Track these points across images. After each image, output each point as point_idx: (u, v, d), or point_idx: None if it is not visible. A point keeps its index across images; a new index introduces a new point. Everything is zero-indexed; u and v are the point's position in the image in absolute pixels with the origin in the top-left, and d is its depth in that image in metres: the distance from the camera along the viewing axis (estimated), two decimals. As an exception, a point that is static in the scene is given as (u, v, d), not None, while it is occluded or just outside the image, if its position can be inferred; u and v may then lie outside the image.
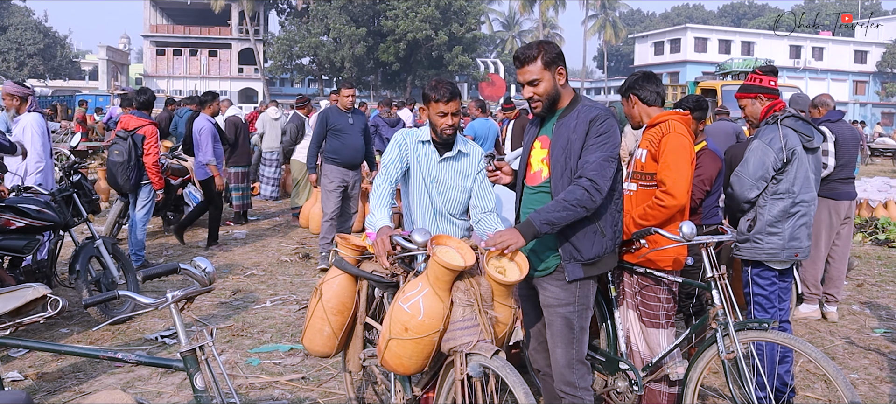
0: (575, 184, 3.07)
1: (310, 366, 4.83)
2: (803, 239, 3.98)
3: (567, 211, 3.01)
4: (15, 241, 5.27)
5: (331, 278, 3.53)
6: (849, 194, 5.98)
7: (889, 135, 32.00)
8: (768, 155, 3.89)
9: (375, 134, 11.81)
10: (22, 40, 56.47)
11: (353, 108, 7.65)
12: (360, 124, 7.68)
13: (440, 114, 3.50)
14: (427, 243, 3.02)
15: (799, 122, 3.99)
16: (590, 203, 3.04)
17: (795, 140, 3.93)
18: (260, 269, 7.70)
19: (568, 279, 3.17)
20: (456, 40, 46.31)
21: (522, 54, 3.20)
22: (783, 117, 3.99)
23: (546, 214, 3.01)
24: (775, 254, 3.95)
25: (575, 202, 3.02)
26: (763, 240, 3.96)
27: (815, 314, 6.13)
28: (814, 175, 4.02)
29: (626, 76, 4.27)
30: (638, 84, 3.84)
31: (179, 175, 9.41)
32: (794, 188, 3.92)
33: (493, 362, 2.85)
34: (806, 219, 3.98)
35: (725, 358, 3.34)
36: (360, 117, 7.75)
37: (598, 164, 3.05)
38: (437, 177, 3.61)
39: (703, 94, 11.11)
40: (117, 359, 2.69)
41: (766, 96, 4.12)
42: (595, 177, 3.03)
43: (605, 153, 3.08)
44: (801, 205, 3.94)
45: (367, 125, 7.95)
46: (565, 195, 3.05)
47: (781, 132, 3.92)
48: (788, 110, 4.04)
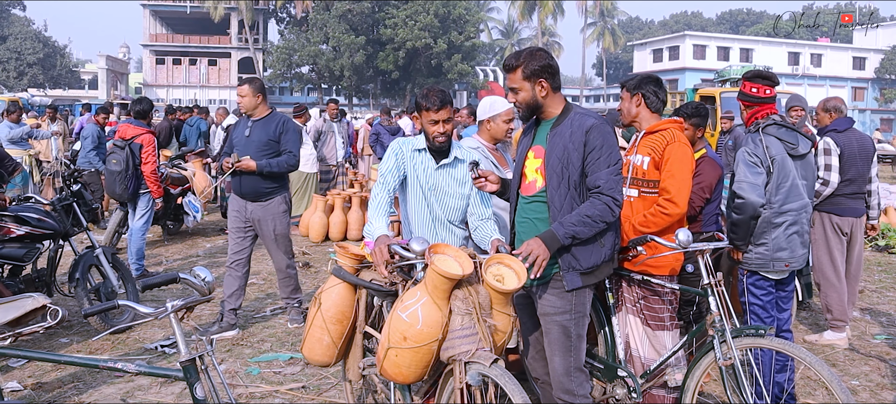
0: (595, 198, 3.11)
1: (310, 375, 4.83)
2: (796, 248, 3.94)
3: (588, 226, 3.09)
4: (15, 250, 5.27)
5: (330, 287, 3.53)
6: (855, 210, 5.45)
7: (888, 141, 32.01)
8: (754, 161, 3.88)
9: (376, 142, 11.85)
10: (22, 50, 56.53)
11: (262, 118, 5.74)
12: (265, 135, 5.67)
13: (431, 122, 3.50)
14: (425, 252, 3.02)
15: (782, 130, 3.93)
16: (610, 217, 3.13)
17: (778, 148, 3.89)
18: (259, 278, 7.70)
19: (567, 288, 3.18)
20: (455, 48, 46.43)
21: (506, 63, 3.29)
22: (765, 125, 3.96)
23: (570, 228, 3.07)
24: (763, 264, 3.93)
25: (597, 217, 3.09)
26: (752, 249, 3.95)
27: (843, 342, 5.53)
28: (804, 182, 3.96)
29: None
30: (649, 86, 3.82)
31: (179, 184, 9.42)
32: (777, 197, 3.87)
33: (491, 370, 2.86)
34: (796, 228, 3.92)
35: (723, 365, 3.35)
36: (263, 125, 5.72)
37: (611, 179, 3.11)
38: (435, 185, 3.61)
39: (701, 101, 11.15)
40: (117, 369, 2.70)
41: (747, 103, 4.10)
42: (613, 193, 3.11)
43: (612, 164, 3.12)
44: (786, 214, 3.88)
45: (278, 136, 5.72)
46: (587, 210, 3.09)
47: (764, 140, 3.89)
48: (772, 117, 3.99)
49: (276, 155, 5.64)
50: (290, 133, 5.73)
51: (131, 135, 6.98)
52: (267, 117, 5.72)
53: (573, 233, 3.08)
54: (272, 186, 5.68)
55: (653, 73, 4.08)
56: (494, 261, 3.04)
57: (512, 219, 3.44)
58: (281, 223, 5.72)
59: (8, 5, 59.80)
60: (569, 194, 3.15)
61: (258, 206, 5.67)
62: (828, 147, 5.40)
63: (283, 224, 5.74)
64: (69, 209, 5.77)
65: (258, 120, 5.70)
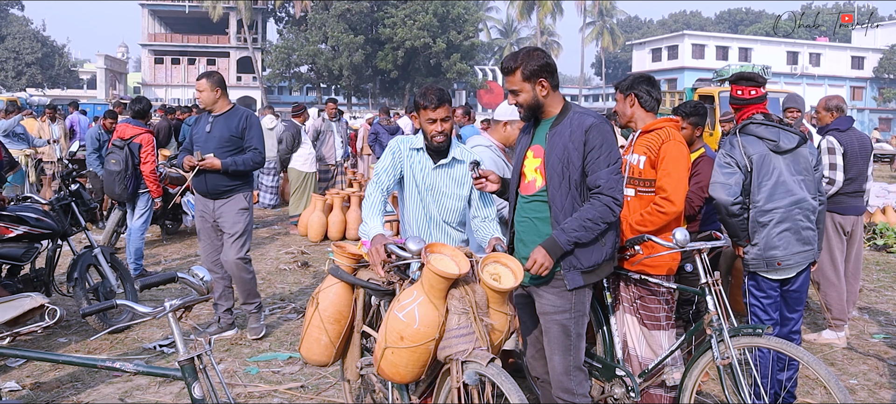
0: (594, 199, 3.11)
1: (308, 375, 4.83)
2: (790, 246, 3.84)
3: (590, 230, 3.11)
4: (13, 250, 5.27)
5: (327, 287, 3.52)
6: (856, 209, 5.50)
7: (887, 140, 32.06)
8: (726, 161, 3.87)
9: (375, 142, 11.86)
10: (20, 49, 56.51)
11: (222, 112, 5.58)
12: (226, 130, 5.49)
13: (429, 121, 3.48)
14: (421, 251, 3.01)
15: (761, 128, 3.91)
16: (611, 218, 3.14)
17: (758, 146, 3.86)
18: (259, 278, 7.68)
19: (569, 287, 3.18)
20: (454, 48, 46.42)
21: (505, 65, 3.26)
22: (743, 125, 3.96)
23: (572, 234, 3.08)
24: (758, 264, 3.90)
25: (598, 218, 3.10)
26: (749, 249, 3.94)
27: (841, 342, 5.54)
28: (798, 177, 3.88)
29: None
30: (641, 86, 3.83)
31: (178, 183, 9.41)
32: (759, 196, 3.84)
33: (488, 369, 2.85)
34: (787, 225, 3.83)
35: (720, 365, 3.35)
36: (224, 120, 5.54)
37: (611, 178, 3.11)
38: (432, 185, 3.58)
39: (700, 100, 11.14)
40: (115, 369, 2.70)
41: (737, 106, 4.10)
42: (613, 193, 3.11)
43: (612, 163, 3.12)
44: (772, 212, 3.83)
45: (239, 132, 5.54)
46: (588, 213, 3.10)
47: (740, 140, 3.88)
48: (754, 117, 3.98)
49: (239, 151, 5.47)
50: (254, 128, 5.56)
51: (130, 134, 6.98)
52: (229, 112, 5.54)
53: (575, 240, 3.09)
54: (235, 183, 5.51)
55: (646, 73, 4.08)
56: (491, 260, 3.04)
57: (511, 219, 3.44)
58: (242, 220, 5.51)
59: (6, 5, 59.77)
60: (570, 194, 3.15)
61: (220, 203, 5.51)
62: (832, 146, 5.38)
63: (243, 221, 5.52)
64: (67, 209, 5.76)
65: (219, 115, 5.52)
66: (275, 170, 12.59)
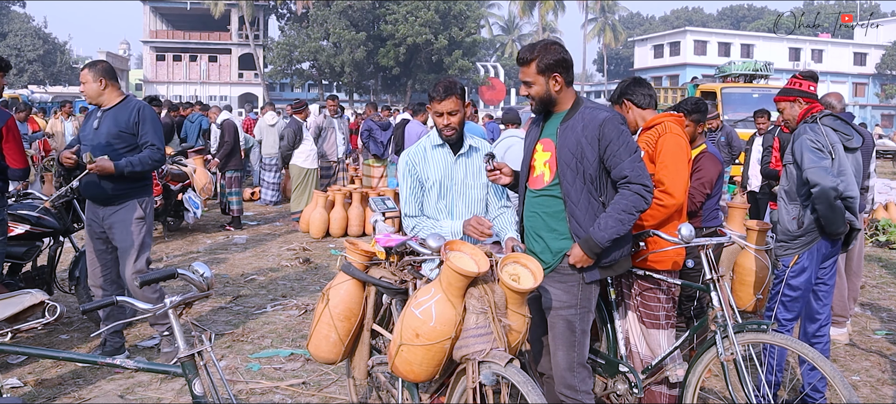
0: (624, 190, 3.10)
1: (310, 371, 4.82)
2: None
3: (625, 222, 3.10)
4: (14, 248, 5.26)
5: (338, 283, 3.46)
6: (860, 206, 5.69)
7: (889, 136, 31.99)
8: (817, 146, 3.86)
9: (369, 138, 11.82)
10: (22, 46, 56.55)
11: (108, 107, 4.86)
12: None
13: (436, 114, 3.47)
14: (441, 248, 2.98)
15: (838, 122, 3.99)
16: (644, 205, 3.12)
17: (834, 139, 3.91)
18: (260, 274, 7.69)
19: (586, 280, 3.19)
20: (456, 44, 46.38)
21: (521, 56, 3.24)
22: (822, 116, 3.99)
23: (610, 230, 3.08)
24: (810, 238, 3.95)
25: (631, 208, 3.09)
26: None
27: (843, 338, 5.58)
28: (855, 174, 3.97)
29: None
30: (630, 89, 3.89)
31: (179, 180, 9.41)
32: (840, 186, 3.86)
33: (507, 370, 2.80)
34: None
35: (725, 360, 3.34)
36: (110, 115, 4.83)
37: (635, 166, 3.10)
38: (456, 178, 3.57)
39: (702, 97, 11.12)
40: (116, 365, 2.69)
41: (805, 100, 4.14)
42: (640, 180, 3.09)
43: (632, 152, 3.12)
44: (849, 200, 3.83)
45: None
46: (621, 205, 3.09)
47: (823, 130, 3.91)
48: (827, 111, 4.04)
49: (133, 149, 4.75)
50: (148, 122, 4.78)
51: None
52: (120, 105, 4.79)
53: (613, 235, 3.08)
54: (127, 187, 4.76)
55: (631, 76, 4.13)
56: (510, 260, 2.99)
57: (520, 213, 3.42)
58: (137, 233, 4.79)
59: (7, 2, 59.77)
60: (585, 189, 3.13)
61: (110, 211, 4.78)
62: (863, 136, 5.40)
63: (138, 234, 4.80)
64: (69, 206, 5.75)
65: (108, 109, 4.78)
66: (277, 166, 12.59)
